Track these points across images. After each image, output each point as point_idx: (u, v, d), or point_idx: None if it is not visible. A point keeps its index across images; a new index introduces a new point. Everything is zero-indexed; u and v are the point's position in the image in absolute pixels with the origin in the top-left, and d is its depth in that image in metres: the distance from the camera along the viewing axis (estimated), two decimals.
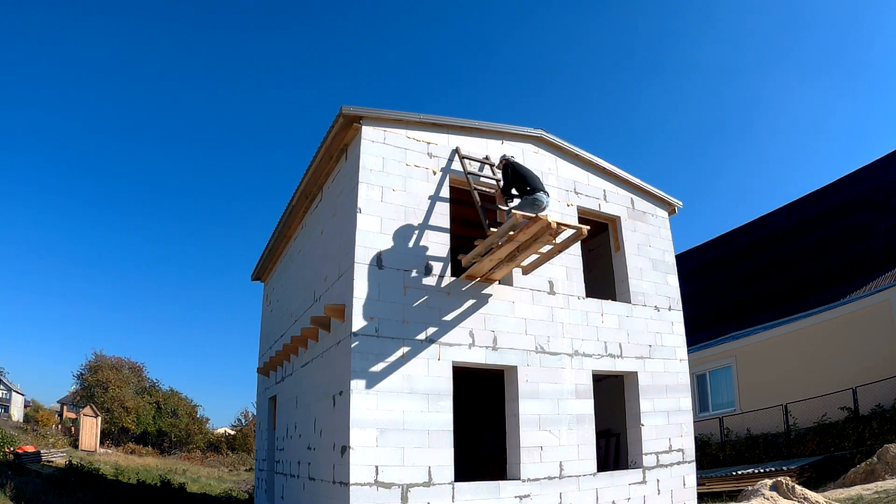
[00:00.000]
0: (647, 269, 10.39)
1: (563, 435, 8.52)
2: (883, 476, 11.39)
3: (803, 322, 17.67)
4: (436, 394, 7.69)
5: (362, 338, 7.43)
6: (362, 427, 7.14)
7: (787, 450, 16.08)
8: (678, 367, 10.19)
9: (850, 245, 18.78)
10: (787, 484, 9.08)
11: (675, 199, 11.27)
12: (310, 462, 9.03)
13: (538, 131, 9.71)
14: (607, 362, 9.34)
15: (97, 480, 16.99)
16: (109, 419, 35.68)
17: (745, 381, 19.11)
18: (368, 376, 7.34)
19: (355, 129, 8.32)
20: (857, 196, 19.90)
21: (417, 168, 8.49)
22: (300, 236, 11.69)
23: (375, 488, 7.02)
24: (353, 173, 8.23)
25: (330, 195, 9.57)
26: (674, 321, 10.44)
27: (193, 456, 35.98)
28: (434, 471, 7.44)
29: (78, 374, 40.19)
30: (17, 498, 11.24)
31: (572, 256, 9.42)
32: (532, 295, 8.86)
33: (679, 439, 9.86)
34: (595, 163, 10.27)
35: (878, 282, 16.27)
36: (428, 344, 7.83)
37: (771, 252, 22.06)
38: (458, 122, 8.98)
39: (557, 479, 8.29)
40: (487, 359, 8.24)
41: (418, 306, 7.91)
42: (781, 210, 23.21)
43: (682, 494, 9.62)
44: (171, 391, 42.60)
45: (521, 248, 7.72)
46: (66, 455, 23.96)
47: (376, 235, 7.88)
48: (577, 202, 9.85)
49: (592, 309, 9.43)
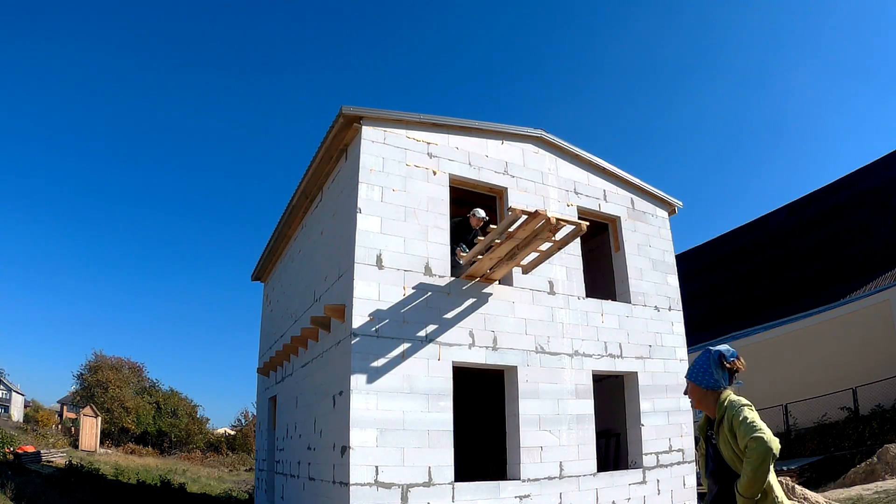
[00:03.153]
0: (647, 269, 10.39)
1: (563, 435, 8.52)
2: (883, 476, 11.39)
3: (803, 322, 17.67)
4: (436, 394, 7.69)
5: (362, 338, 7.43)
6: (362, 427, 7.14)
7: (787, 450, 16.07)
8: (678, 367, 10.18)
9: (850, 245, 18.77)
10: (788, 484, 9.08)
11: (675, 199, 11.27)
12: (310, 462, 9.03)
13: (538, 131, 9.71)
14: (607, 362, 9.33)
15: (97, 480, 16.97)
16: (109, 419, 35.65)
17: (744, 380, 19.06)
18: (368, 376, 7.33)
19: (355, 129, 8.31)
20: (858, 196, 19.90)
21: (417, 168, 8.48)
22: (300, 236, 11.69)
23: (375, 488, 7.02)
24: (353, 173, 8.22)
25: (330, 195, 9.56)
26: (674, 321, 10.44)
27: (193, 456, 35.94)
28: (434, 471, 7.43)
29: (78, 374, 40.19)
30: (18, 498, 11.23)
31: (572, 256, 9.42)
32: (532, 295, 8.86)
33: (679, 439, 9.86)
34: (595, 163, 10.27)
35: (878, 282, 16.27)
36: (428, 344, 7.83)
37: (771, 252, 22.05)
38: (458, 122, 8.98)
39: (557, 479, 8.29)
40: (487, 359, 8.24)
41: (418, 306, 7.91)
42: (781, 210, 23.21)
43: (682, 494, 9.61)
44: (171, 391, 42.61)
45: (520, 246, 7.72)
46: (66, 455, 23.94)
47: (376, 235, 7.88)
48: (577, 202, 9.85)
49: (592, 309, 9.43)
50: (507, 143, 9.44)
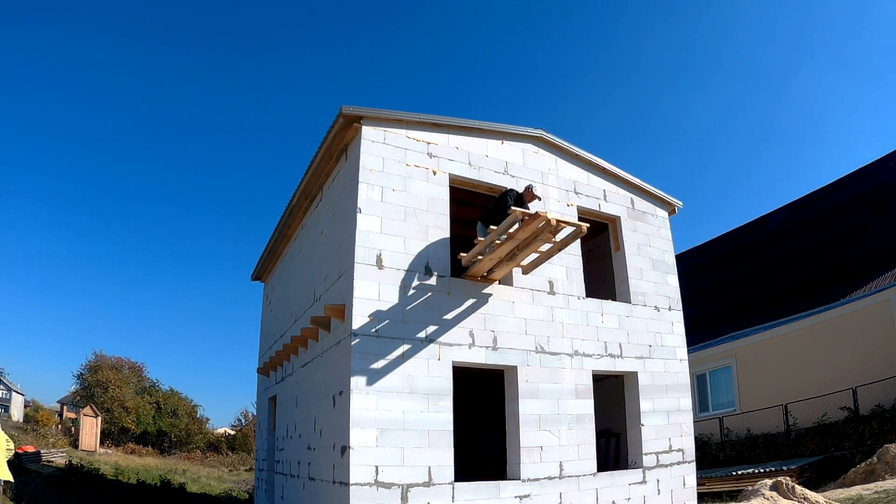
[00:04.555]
0: (647, 269, 10.39)
1: (563, 435, 8.52)
2: (883, 476, 11.39)
3: (803, 322, 17.65)
4: (436, 394, 7.69)
5: (362, 338, 7.44)
6: (362, 427, 7.14)
7: (787, 450, 16.07)
8: (678, 367, 10.20)
9: (850, 245, 18.76)
10: (787, 484, 9.07)
11: (675, 199, 11.28)
12: (310, 462, 9.04)
13: (538, 131, 9.71)
14: (607, 362, 9.34)
15: (97, 480, 16.98)
16: (109, 419, 35.65)
17: (745, 381, 19.10)
18: (368, 376, 7.34)
19: (355, 129, 8.32)
20: (857, 196, 19.89)
21: (417, 168, 8.49)
22: (300, 236, 11.69)
23: (375, 488, 7.03)
24: (353, 173, 8.23)
25: (330, 195, 9.57)
26: (674, 321, 10.44)
27: (193, 456, 35.95)
28: (434, 471, 7.44)
29: (78, 374, 40.18)
30: (17, 498, 11.23)
31: (572, 256, 9.42)
32: (532, 295, 8.86)
33: (679, 439, 9.86)
34: (595, 163, 10.27)
35: (878, 282, 16.26)
36: (428, 344, 7.83)
37: (771, 252, 22.04)
38: (458, 122, 8.98)
39: (557, 479, 8.29)
40: (487, 359, 8.24)
41: (418, 306, 7.91)
42: (781, 210, 23.20)
43: (682, 494, 9.62)
44: (171, 391, 42.57)
45: (520, 247, 7.72)
46: (65, 455, 23.95)
47: (376, 235, 7.88)
48: (577, 202, 9.85)
49: (592, 309, 9.44)
50: (506, 142, 9.44)
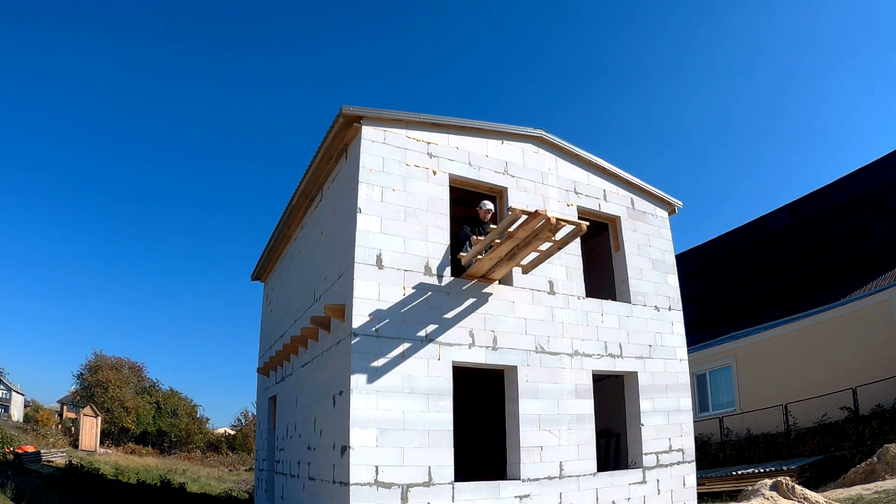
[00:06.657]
0: (647, 269, 10.39)
1: (563, 435, 8.52)
2: (883, 476, 11.38)
3: (803, 322, 17.65)
4: (436, 394, 7.69)
5: (362, 337, 7.43)
6: (362, 427, 7.14)
7: (787, 450, 16.07)
8: (678, 367, 10.19)
9: (850, 245, 18.76)
10: (787, 484, 9.06)
11: (675, 199, 11.27)
12: (310, 462, 9.03)
13: (538, 131, 9.71)
14: (607, 362, 9.34)
15: (97, 480, 16.99)
16: (109, 419, 35.67)
17: (745, 381, 19.10)
18: (368, 376, 7.34)
19: (355, 129, 8.32)
20: (857, 196, 19.88)
21: (417, 168, 8.49)
22: (300, 236, 11.69)
23: (375, 488, 7.02)
24: (353, 173, 8.22)
25: (330, 195, 9.57)
26: (674, 321, 10.44)
27: (193, 456, 35.98)
28: (434, 471, 7.44)
29: (78, 374, 40.26)
30: (17, 498, 11.24)
31: (572, 256, 9.42)
32: (532, 295, 8.86)
33: (679, 439, 9.86)
34: (595, 163, 10.27)
35: (878, 282, 16.26)
36: (428, 343, 7.83)
37: (771, 252, 22.03)
38: (458, 122, 8.98)
39: (557, 478, 8.29)
40: (487, 358, 8.24)
41: (418, 306, 7.91)
42: (781, 210, 23.18)
43: (682, 494, 9.62)
44: (171, 391, 42.65)
45: (520, 246, 7.72)
46: (65, 455, 23.96)
47: (376, 235, 7.88)
48: (577, 202, 9.85)
49: (592, 309, 9.43)
50: (507, 142, 9.44)
